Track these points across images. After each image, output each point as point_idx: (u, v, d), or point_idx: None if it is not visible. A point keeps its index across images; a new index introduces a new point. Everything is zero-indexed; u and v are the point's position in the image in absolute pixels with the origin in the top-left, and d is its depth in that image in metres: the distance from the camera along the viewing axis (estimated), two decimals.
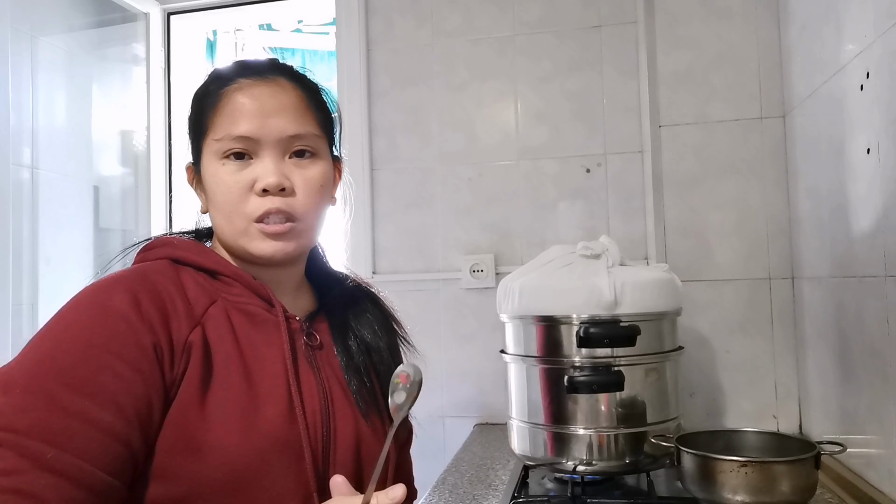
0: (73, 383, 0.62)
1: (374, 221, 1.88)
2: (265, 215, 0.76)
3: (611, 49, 1.77)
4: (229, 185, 0.76)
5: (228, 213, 0.77)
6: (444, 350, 1.82)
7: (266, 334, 0.76)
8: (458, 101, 1.85)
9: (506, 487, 1.28)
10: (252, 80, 0.78)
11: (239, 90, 0.77)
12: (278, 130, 0.76)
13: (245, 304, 0.77)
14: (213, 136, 0.77)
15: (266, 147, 0.76)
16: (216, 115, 0.77)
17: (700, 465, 1.07)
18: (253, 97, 0.76)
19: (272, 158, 0.76)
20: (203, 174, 0.79)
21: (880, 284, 1.06)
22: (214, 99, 0.78)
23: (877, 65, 1.05)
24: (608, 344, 1.22)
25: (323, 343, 0.83)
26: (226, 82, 0.78)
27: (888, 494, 1.08)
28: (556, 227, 1.79)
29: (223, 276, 0.78)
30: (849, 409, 1.24)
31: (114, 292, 0.68)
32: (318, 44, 2.84)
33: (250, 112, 0.76)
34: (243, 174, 0.76)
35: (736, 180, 1.61)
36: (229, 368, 0.71)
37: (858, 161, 1.13)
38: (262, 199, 0.76)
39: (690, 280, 1.58)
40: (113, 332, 0.65)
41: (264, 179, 0.75)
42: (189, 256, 0.78)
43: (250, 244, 0.77)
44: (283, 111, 0.77)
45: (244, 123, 0.75)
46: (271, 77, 0.79)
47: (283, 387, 0.74)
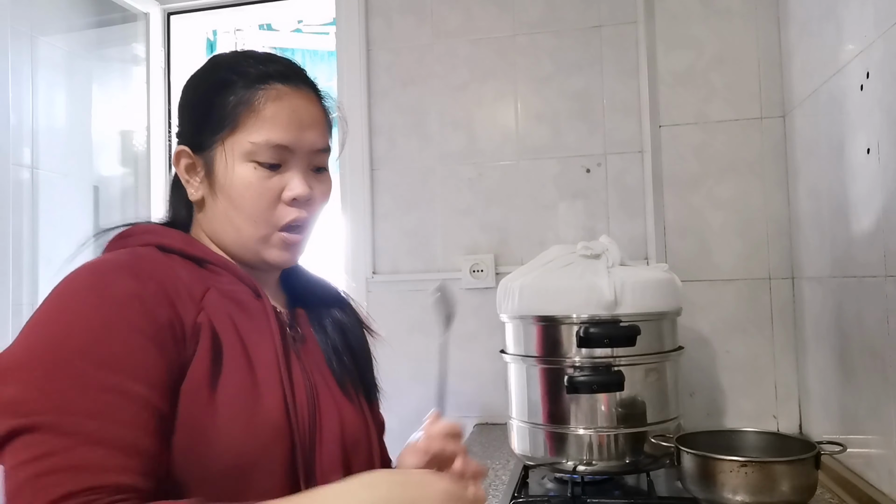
0: (101, 360, 0.61)
1: (374, 221, 1.88)
2: (291, 224, 0.79)
3: (611, 49, 1.77)
4: (260, 192, 0.77)
5: (255, 218, 0.78)
6: None
7: (257, 323, 0.77)
8: (458, 101, 1.85)
9: (506, 487, 1.28)
10: (288, 89, 0.78)
11: (277, 98, 0.77)
12: (310, 143, 0.79)
13: (235, 292, 0.77)
14: (248, 137, 0.76)
15: (297, 158, 0.78)
16: (251, 115, 0.77)
17: (700, 465, 1.07)
18: (291, 109, 0.78)
19: (301, 169, 0.79)
20: (220, 170, 0.78)
21: (880, 284, 1.06)
22: (245, 96, 0.77)
23: (877, 65, 1.05)
24: (608, 344, 1.22)
25: (306, 336, 0.85)
26: (256, 80, 0.78)
27: (888, 494, 1.08)
28: (556, 227, 1.79)
29: (211, 265, 0.78)
30: (849, 409, 1.24)
31: (117, 274, 0.68)
32: (318, 44, 2.84)
33: (290, 123, 0.77)
34: (273, 181, 0.77)
35: (736, 180, 1.61)
36: (234, 354, 0.72)
37: (858, 161, 1.13)
38: (291, 209, 0.78)
39: (690, 280, 1.58)
40: (128, 310, 0.65)
41: (296, 190, 0.78)
42: (175, 244, 0.77)
43: (267, 251, 0.79)
44: (314, 125, 0.80)
45: (283, 133, 0.77)
46: (304, 88, 0.80)
47: (276, 375, 0.74)
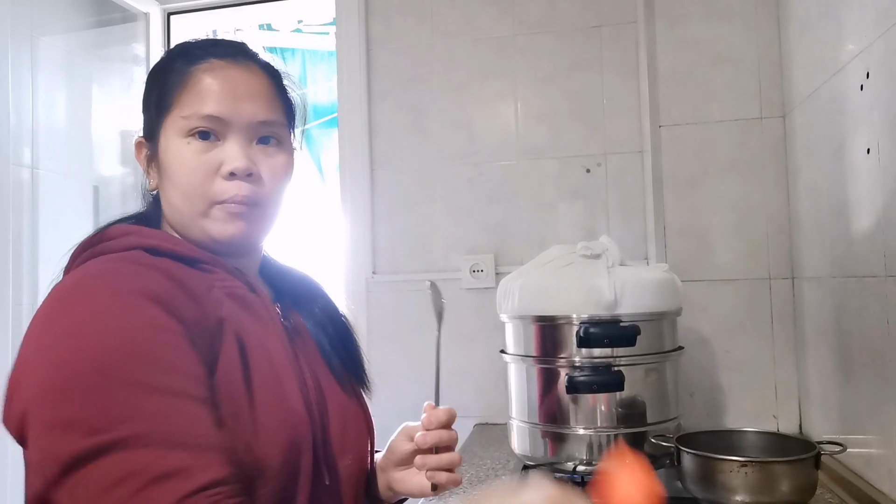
0: (148, 365, 0.59)
1: (374, 221, 1.88)
2: (231, 199, 0.74)
3: (611, 49, 1.77)
4: (193, 166, 0.74)
5: (190, 194, 0.74)
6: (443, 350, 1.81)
7: (258, 317, 0.75)
8: (458, 101, 1.85)
9: None
10: (224, 62, 0.76)
11: (210, 70, 0.75)
12: (249, 114, 0.75)
13: (233, 288, 0.75)
14: (180, 112, 0.74)
15: (234, 130, 0.75)
16: (184, 92, 0.75)
17: (700, 465, 1.07)
18: (225, 79, 0.75)
19: (240, 143, 0.75)
20: (162, 152, 0.76)
21: (880, 284, 1.06)
22: (182, 76, 0.75)
23: (877, 65, 1.05)
24: (608, 344, 1.22)
25: (298, 327, 0.84)
26: (194, 60, 0.76)
27: (888, 494, 1.08)
28: (556, 227, 1.78)
29: (203, 264, 0.74)
30: (849, 409, 1.24)
31: (124, 280, 0.64)
32: (318, 44, 2.84)
33: (221, 93, 0.74)
34: (209, 155, 0.74)
35: (736, 180, 1.61)
36: (255, 349, 0.71)
37: (858, 161, 1.13)
38: (229, 183, 0.74)
39: (690, 280, 1.58)
40: (153, 312, 0.62)
41: (232, 163, 0.73)
42: (164, 245, 0.73)
43: (212, 226, 0.75)
44: (254, 96, 0.76)
45: (214, 103, 0.74)
46: (243, 61, 0.77)
47: (290, 369, 0.74)
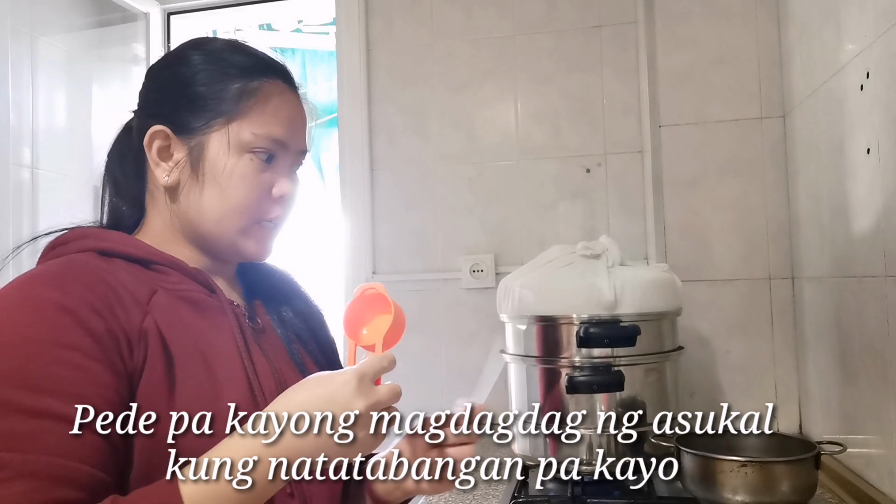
0: (28, 383, 0.58)
1: (374, 221, 1.88)
2: (273, 220, 0.80)
3: (611, 49, 1.77)
4: (254, 184, 0.77)
5: (241, 209, 0.77)
6: (444, 350, 1.82)
7: (212, 320, 0.74)
8: (458, 101, 1.85)
9: (506, 487, 1.28)
10: (287, 88, 0.81)
11: (279, 93, 0.79)
12: (300, 144, 0.82)
13: (186, 290, 0.74)
14: (252, 128, 0.76)
15: (287, 155, 0.80)
16: (256, 106, 0.77)
17: (700, 465, 1.07)
18: (291, 105, 0.80)
19: (288, 166, 0.81)
20: (213, 156, 0.76)
21: (880, 284, 1.06)
22: (252, 86, 0.77)
23: (877, 65, 1.05)
24: (608, 344, 1.22)
25: (265, 326, 0.83)
26: (259, 73, 0.78)
27: (888, 494, 1.08)
28: (556, 227, 1.78)
29: (157, 265, 0.74)
30: (849, 409, 1.24)
31: (44, 287, 0.64)
32: (318, 44, 2.84)
33: (288, 120, 0.79)
34: (266, 176, 0.78)
35: (736, 180, 1.61)
36: (188, 357, 0.69)
37: (858, 161, 1.13)
38: (276, 205, 0.80)
39: (690, 280, 1.58)
40: (58, 325, 0.61)
41: (287, 188, 0.79)
42: (117, 247, 0.73)
43: (244, 242, 0.79)
44: (303, 127, 0.83)
45: (283, 129, 0.78)
46: (298, 90, 0.83)
47: (239, 371, 0.73)
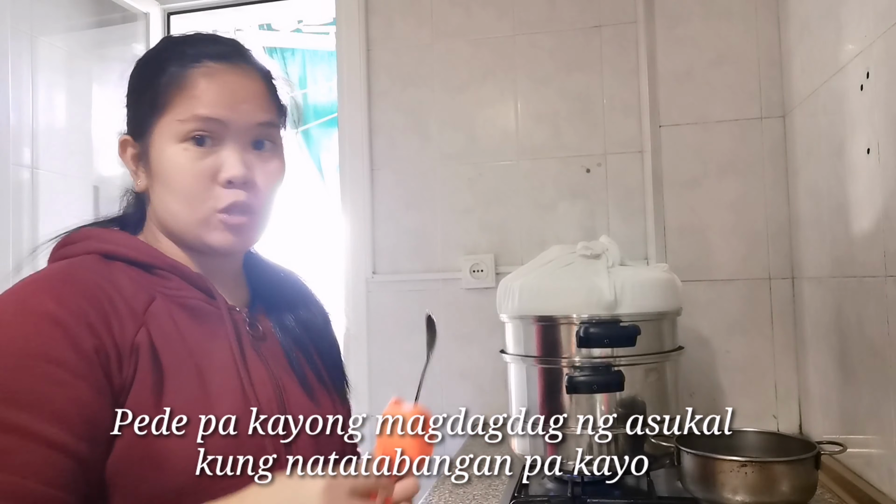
0: (8, 397, 0.58)
1: (374, 221, 1.88)
2: (230, 207, 0.74)
3: (611, 49, 1.77)
4: (191, 173, 0.73)
5: (189, 201, 0.74)
6: (443, 350, 1.82)
7: (210, 328, 0.73)
8: (458, 101, 1.85)
9: (506, 487, 1.28)
10: (220, 66, 0.75)
11: (207, 74, 0.74)
12: (246, 117, 0.75)
13: (185, 297, 0.74)
14: (176, 115, 0.73)
15: (231, 134, 0.74)
16: (180, 94, 0.73)
17: (700, 465, 1.07)
18: (222, 83, 0.74)
19: (237, 148, 0.74)
20: (154, 155, 0.75)
21: (880, 284, 1.06)
22: (176, 77, 0.74)
23: (877, 65, 1.05)
24: (608, 344, 1.22)
25: (266, 333, 0.81)
26: (189, 61, 0.74)
27: (888, 494, 1.08)
28: (556, 227, 1.78)
29: (159, 270, 0.74)
30: (849, 409, 1.24)
31: (41, 296, 0.63)
32: (318, 44, 2.84)
33: (219, 96, 0.74)
34: (206, 162, 0.73)
35: (736, 180, 1.61)
36: (180, 369, 0.68)
37: (858, 161, 1.13)
38: (227, 191, 0.74)
39: (690, 280, 1.58)
40: (48, 339, 0.61)
41: (231, 171, 0.73)
42: (119, 250, 0.73)
43: (209, 235, 0.75)
44: (250, 99, 0.76)
45: (213, 106, 0.73)
46: (239, 63, 0.76)
47: (235, 381, 0.71)
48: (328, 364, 0.86)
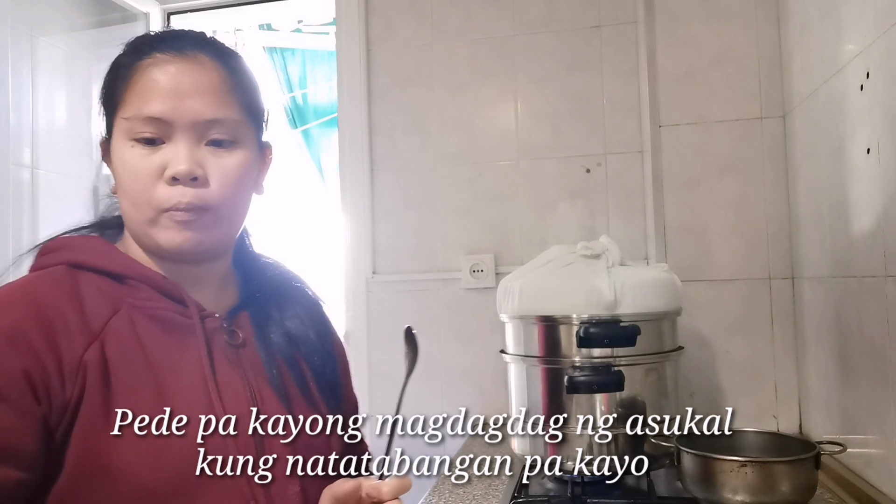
0: None
1: (374, 221, 1.88)
2: (175, 207, 0.70)
3: (611, 49, 1.77)
4: (136, 171, 0.70)
5: (135, 201, 0.71)
6: (444, 350, 1.82)
7: (179, 340, 0.70)
8: (458, 101, 1.85)
9: (506, 487, 1.28)
10: (169, 56, 0.71)
11: (154, 65, 0.70)
12: (193, 114, 0.70)
13: (153, 308, 0.71)
14: (123, 113, 0.71)
15: (179, 130, 0.70)
16: (128, 90, 0.71)
17: (700, 465, 1.07)
18: (168, 75, 0.70)
19: (185, 144, 0.70)
20: (112, 153, 0.73)
21: (880, 284, 1.06)
22: (127, 72, 0.71)
23: (877, 65, 1.05)
24: (608, 344, 1.22)
25: (246, 340, 0.77)
26: (141, 55, 0.71)
27: (888, 494, 1.08)
28: (556, 227, 1.78)
29: (130, 280, 0.71)
30: (849, 409, 1.24)
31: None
32: (318, 44, 2.83)
33: (163, 92, 0.69)
34: (152, 159, 0.70)
35: (736, 180, 1.61)
36: (135, 386, 0.66)
37: (858, 161, 1.13)
38: (172, 189, 0.69)
39: (690, 280, 1.58)
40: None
41: (174, 167, 0.69)
42: (90, 260, 0.71)
43: (160, 234, 0.71)
44: (200, 93, 0.71)
45: (155, 104, 0.69)
46: (191, 53, 0.72)
47: (201, 395, 0.68)
48: (317, 372, 0.81)
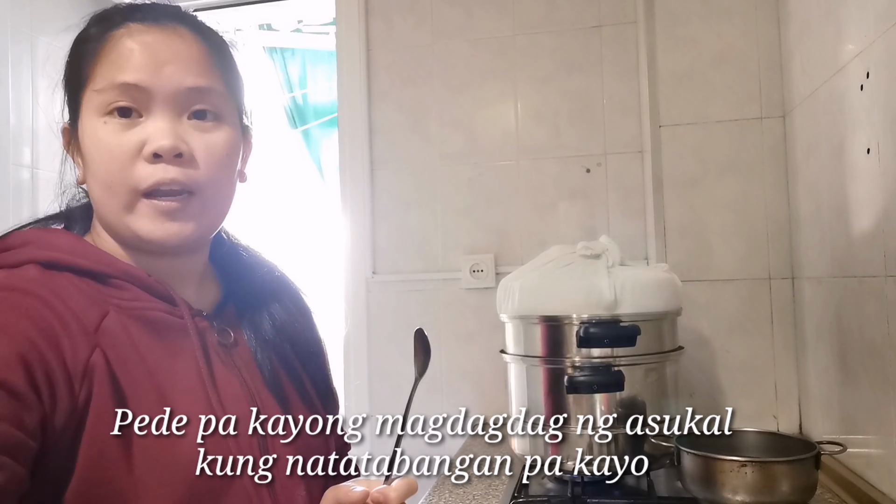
0: None
1: (374, 221, 1.88)
2: (156, 186, 0.63)
3: (611, 49, 1.77)
4: (111, 148, 0.63)
5: (110, 184, 0.63)
6: (444, 350, 1.82)
7: (172, 342, 0.65)
8: (458, 101, 1.85)
9: (506, 487, 1.28)
10: (145, 26, 0.65)
11: (127, 35, 0.65)
12: (175, 81, 0.64)
13: (142, 309, 0.64)
14: (94, 86, 0.64)
15: (158, 101, 0.64)
16: (98, 62, 0.64)
17: (700, 465, 1.07)
18: (144, 44, 0.64)
19: (166, 116, 0.64)
20: (81, 135, 0.66)
21: (880, 284, 1.06)
22: (97, 44, 0.65)
23: (877, 65, 1.05)
24: (608, 344, 1.22)
25: (237, 339, 0.72)
26: (111, 25, 0.66)
27: (888, 494, 1.08)
28: (556, 227, 1.78)
29: (112, 279, 0.64)
30: (849, 409, 1.24)
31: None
32: (318, 44, 2.83)
33: (141, 59, 0.63)
34: (129, 134, 0.63)
35: (736, 180, 1.61)
36: (140, 393, 0.60)
37: (858, 161, 1.13)
38: (154, 167, 0.63)
39: (690, 280, 1.58)
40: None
41: (156, 141, 0.63)
42: (65, 258, 0.63)
43: (138, 224, 0.64)
44: (181, 60, 0.65)
45: (132, 71, 0.63)
46: (169, 24, 0.67)
47: (201, 401, 0.64)
48: (309, 368, 0.78)
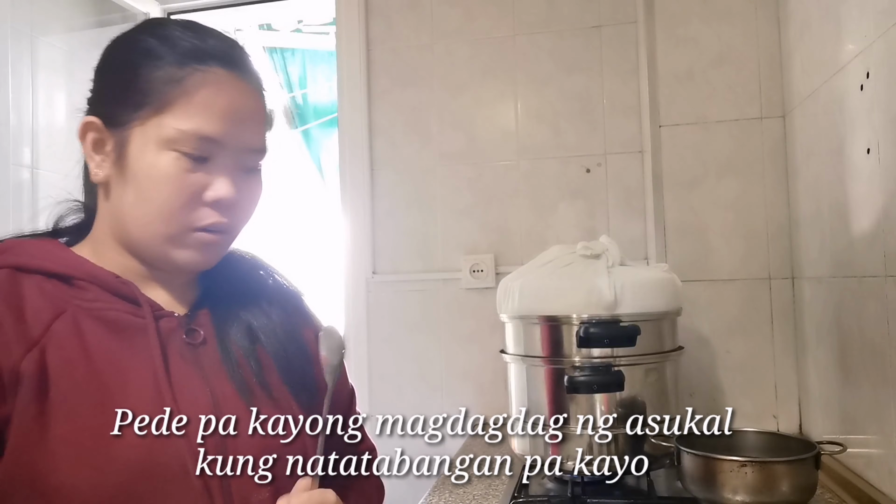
0: None
1: (374, 221, 1.88)
2: (209, 227, 0.70)
3: (611, 49, 1.77)
4: (179, 187, 0.68)
5: (167, 216, 0.69)
6: (444, 350, 1.82)
7: (130, 342, 0.67)
8: (458, 101, 1.85)
9: (506, 487, 1.28)
10: (226, 73, 0.69)
11: (215, 83, 0.69)
12: (244, 140, 0.71)
13: (102, 309, 0.68)
14: (176, 123, 0.67)
15: (227, 153, 0.70)
16: (181, 98, 0.67)
17: (700, 465, 1.07)
18: (229, 97, 0.69)
19: (229, 167, 0.70)
20: (135, 153, 0.68)
21: (880, 284, 1.06)
22: (179, 74, 0.68)
23: (877, 65, 1.05)
24: (608, 344, 1.22)
25: (207, 338, 0.74)
26: (193, 58, 0.68)
27: (888, 494, 1.08)
28: (556, 227, 1.78)
29: (77, 280, 0.68)
30: (849, 409, 1.24)
31: None
32: (318, 44, 2.84)
33: (224, 113, 0.69)
34: (196, 177, 0.68)
35: (736, 180, 1.61)
36: (76, 394, 0.63)
37: (858, 161, 1.13)
38: (210, 211, 0.70)
39: (690, 280, 1.58)
40: None
41: (221, 191, 0.69)
42: (34, 262, 0.68)
43: (177, 252, 0.71)
44: (252, 121, 0.72)
45: (217, 125, 0.68)
46: (241, 74, 0.71)
47: (153, 400, 0.65)
48: (283, 366, 0.77)
